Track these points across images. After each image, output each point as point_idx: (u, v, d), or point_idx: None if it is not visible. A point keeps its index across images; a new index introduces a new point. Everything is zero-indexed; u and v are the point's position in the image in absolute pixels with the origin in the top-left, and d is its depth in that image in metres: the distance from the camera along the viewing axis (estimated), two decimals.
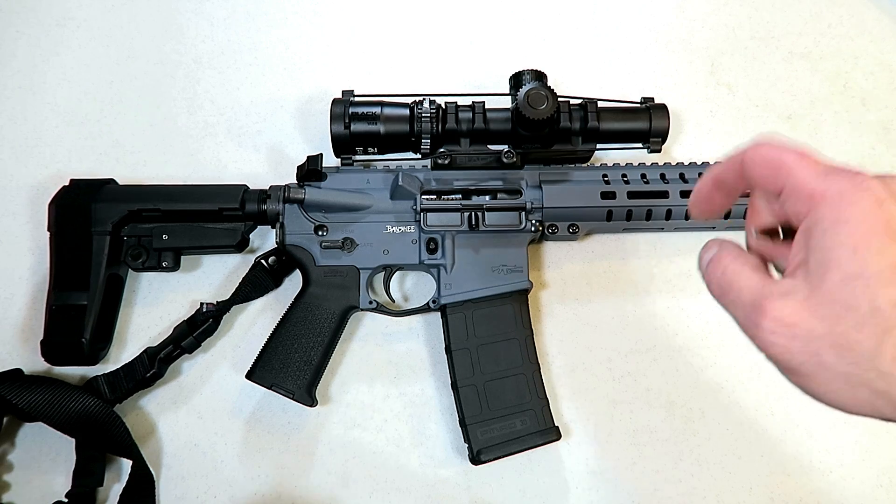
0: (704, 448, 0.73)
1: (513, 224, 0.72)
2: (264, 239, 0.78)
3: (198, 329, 0.71)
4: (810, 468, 0.73)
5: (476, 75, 0.86)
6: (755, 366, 0.76)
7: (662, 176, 0.74)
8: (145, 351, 0.71)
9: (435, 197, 0.72)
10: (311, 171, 0.72)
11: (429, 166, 0.75)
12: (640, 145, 0.75)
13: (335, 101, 0.72)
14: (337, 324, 0.71)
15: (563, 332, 0.77)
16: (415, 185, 0.72)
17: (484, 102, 0.72)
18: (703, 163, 0.76)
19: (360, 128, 0.71)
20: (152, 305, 0.76)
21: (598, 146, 0.74)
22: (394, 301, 0.76)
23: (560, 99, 0.69)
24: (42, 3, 0.88)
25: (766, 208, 0.40)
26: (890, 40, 0.91)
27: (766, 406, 0.75)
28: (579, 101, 0.73)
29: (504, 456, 0.67)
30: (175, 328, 0.71)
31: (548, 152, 0.74)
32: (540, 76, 0.70)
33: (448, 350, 0.71)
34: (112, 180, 0.75)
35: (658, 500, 0.71)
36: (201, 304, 0.72)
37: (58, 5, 0.88)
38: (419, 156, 0.74)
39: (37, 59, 0.85)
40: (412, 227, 0.73)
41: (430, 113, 0.71)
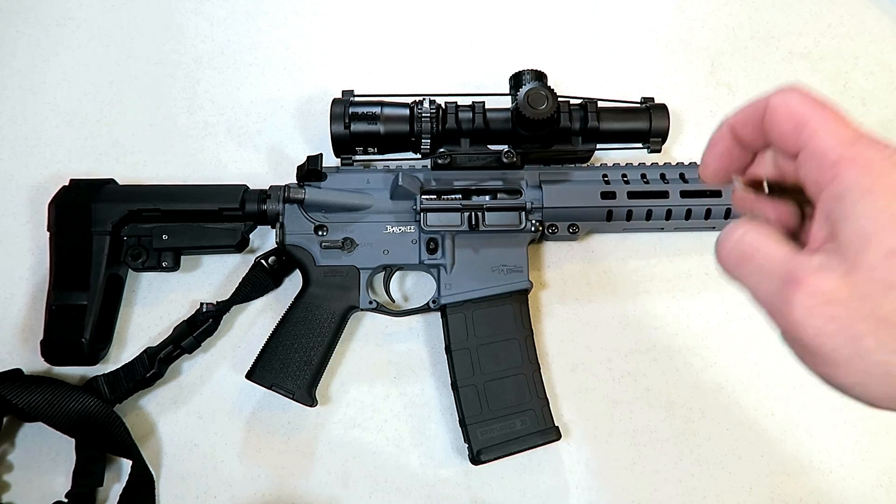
0: (704, 448, 0.73)
1: (513, 224, 0.72)
2: (264, 239, 0.79)
3: (198, 329, 0.71)
4: (810, 468, 0.73)
5: (476, 75, 0.86)
6: (755, 366, 0.76)
7: (662, 176, 0.74)
8: (145, 351, 0.71)
9: (435, 197, 0.72)
10: (311, 171, 0.72)
11: (429, 166, 0.75)
12: (640, 145, 0.75)
13: (335, 101, 0.72)
14: (337, 324, 0.71)
15: (563, 332, 0.77)
16: (415, 185, 0.72)
17: (484, 102, 0.72)
18: None
19: (360, 128, 0.71)
20: (152, 305, 0.76)
21: (598, 146, 0.74)
22: (394, 301, 0.76)
23: (560, 99, 0.69)
24: (42, 3, 0.88)
25: (770, 159, 0.37)
26: (890, 40, 0.91)
27: (766, 406, 0.75)
28: (579, 101, 0.73)
29: (504, 456, 0.67)
30: (175, 328, 0.71)
31: (548, 152, 0.74)
32: (540, 76, 0.70)
33: (448, 350, 0.71)
34: (112, 180, 0.75)
35: (658, 500, 0.71)
36: (201, 304, 0.72)
37: (58, 5, 0.88)
38: (419, 156, 0.74)
39: (37, 59, 0.85)
40: (412, 227, 0.73)
41: (430, 113, 0.71)
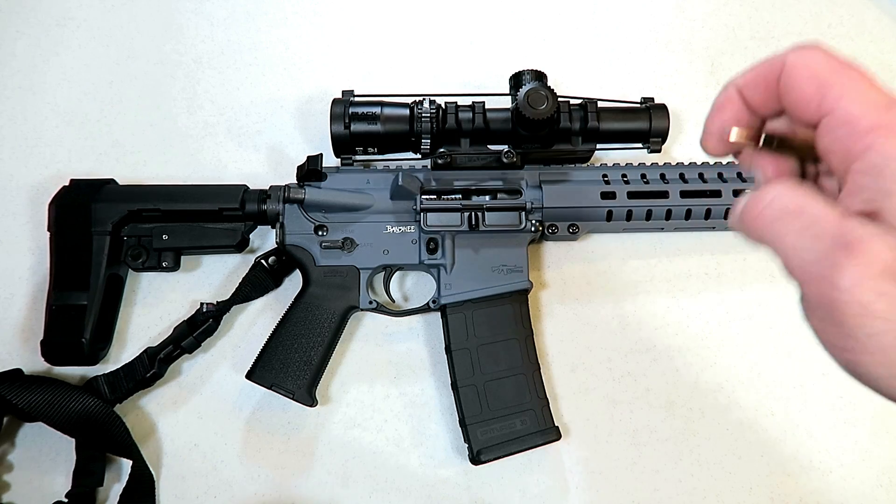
0: (704, 448, 0.73)
1: (513, 224, 0.71)
2: (264, 239, 0.78)
3: (198, 329, 0.71)
4: (810, 468, 0.73)
5: (476, 75, 0.86)
6: (755, 366, 0.76)
7: (662, 176, 0.74)
8: (145, 351, 0.71)
9: (435, 197, 0.72)
10: (311, 171, 0.72)
11: (429, 166, 0.75)
12: (640, 145, 0.75)
13: (335, 101, 0.72)
14: (337, 324, 0.71)
15: (563, 332, 0.77)
16: (415, 185, 0.72)
17: (484, 102, 0.72)
18: (703, 163, 0.75)
19: (360, 128, 0.71)
20: (152, 305, 0.76)
21: (598, 146, 0.74)
22: (394, 301, 0.76)
23: (560, 99, 0.69)
24: (42, 3, 0.88)
25: (783, 126, 0.33)
26: (890, 40, 0.91)
27: (766, 406, 0.75)
28: (579, 101, 0.73)
29: (504, 456, 0.67)
30: (175, 328, 0.71)
31: (548, 152, 0.74)
32: (540, 76, 0.70)
33: (448, 350, 0.71)
34: (112, 180, 0.75)
35: (658, 500, 0.71)
36: (201, 304, 0.72)
37: (58, 5, 0.88)
38: (419, 156, 0.74)
39: (37, 59, 0.85)
40: (412, 227, 0.73)
41: (430, 113, 0.71)
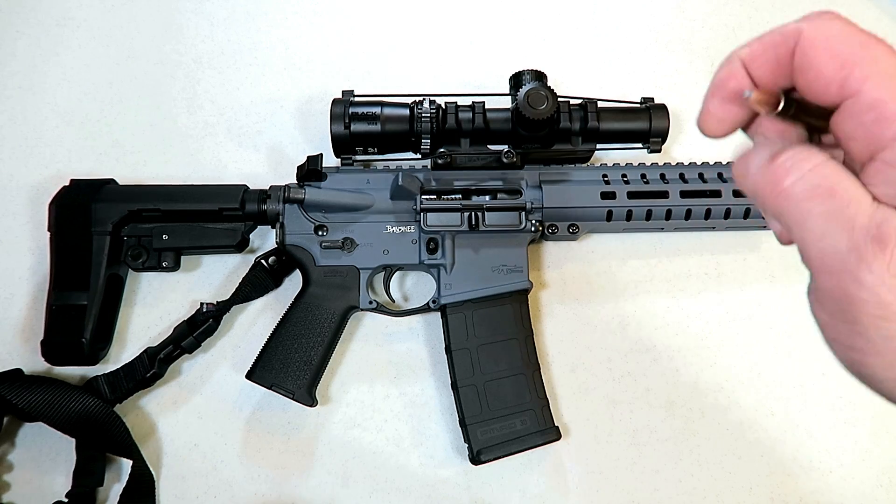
0: (704, 448, 0.73)
1: (513, 224, 0.71)
2: (264, 239, 0.78)
3: (198, 329, 0.71)
4: (810, 468, 0.73)
5: (476, 75, 0.86)
6: (755, 366, 0.76)
7: (662, 176, 0.74)
8: (145, 351, 0.71)
9: (435, 197, 0.72)
10: (311, 171, 0.72)
11: (429, 166, 0.75)
12: (640, 145, 0.75)
13: (335, 101, 0.72)
14: (337, 324, 0.71)
15: (563, 332, 0.77)
16: (415, 185, 0.72)
17: (484, 102, 0.72)
18: (703, 163, 0.75)
19: (360, 128, 0.71)
20: (152, 305, 0.76)
21: (598, 146, 0.74)
22: (394, 301, 0.76)
23: (560, 99, 0.69)
24: (42, 3, 0.88)
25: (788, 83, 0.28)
26: (890, 40, 0.91)
27: (766, 406, 0.75)
28: (579, 101, 0.73)
29: (504, 456, 0.67)
30: (175, 328, 0.71)
31: (548, 152, 0.74)
32: (540, 76, 0.70)
33: (448, 350, 0.71)
34: (112, 180, 0.75)
35: (658, 500, 0.71)
36: (201, 304, 0.72)
37: (58, 5, 0.88)
38: (419, 156, 0.74)
39: (37, 59, 0.85)
40: (412, 227, 0.73)
41: (430, 113, 0.71)
